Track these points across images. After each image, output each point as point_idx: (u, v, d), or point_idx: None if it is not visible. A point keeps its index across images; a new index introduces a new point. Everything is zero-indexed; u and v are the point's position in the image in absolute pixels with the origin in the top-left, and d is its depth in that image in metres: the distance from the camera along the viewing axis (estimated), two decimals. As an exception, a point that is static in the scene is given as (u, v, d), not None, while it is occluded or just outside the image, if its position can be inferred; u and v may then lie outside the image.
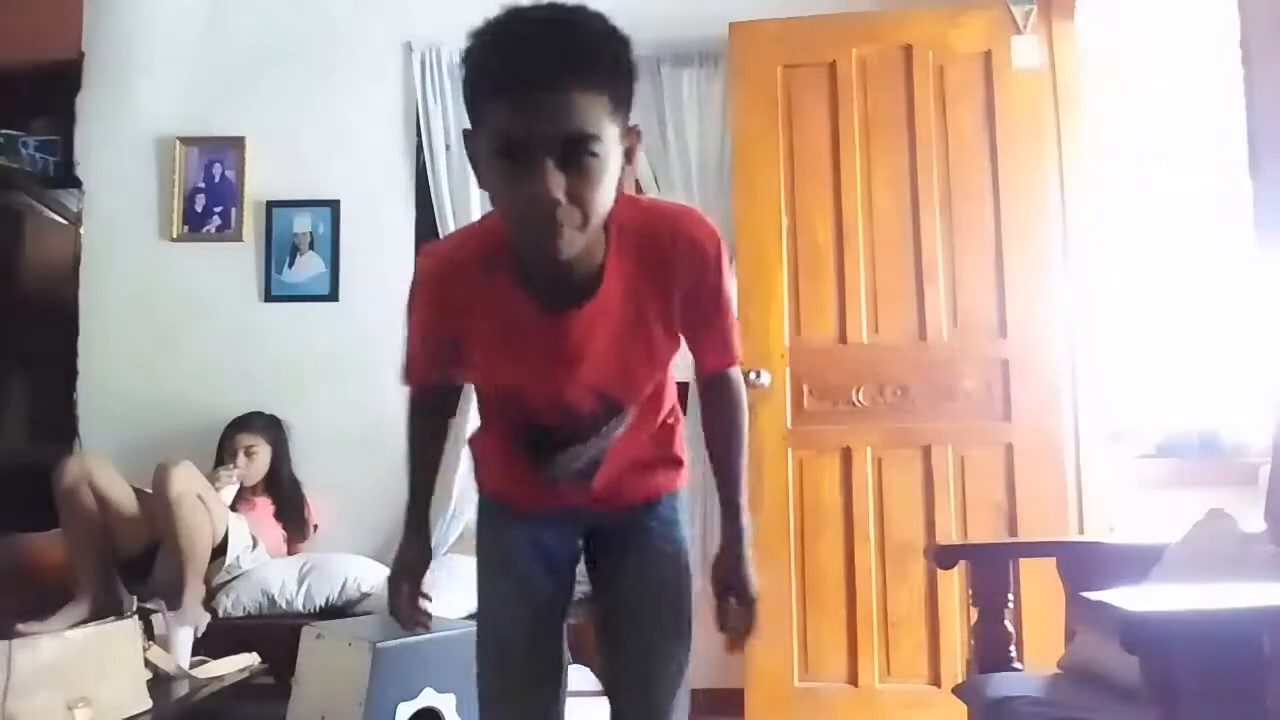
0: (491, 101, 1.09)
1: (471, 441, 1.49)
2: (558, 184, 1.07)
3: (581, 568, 1.47)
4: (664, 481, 1.44)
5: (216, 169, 3.49)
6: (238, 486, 3.05)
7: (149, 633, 2.50)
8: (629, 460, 1.39)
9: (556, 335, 1.24)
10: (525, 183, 1.07)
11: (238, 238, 3.47)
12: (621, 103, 1.12)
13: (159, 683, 2.37)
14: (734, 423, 1.41)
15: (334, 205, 3.46)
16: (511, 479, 1.43)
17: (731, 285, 1.39)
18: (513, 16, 1.09)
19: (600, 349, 1.26)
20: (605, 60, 1.10)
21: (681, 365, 1.40)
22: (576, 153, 1.07)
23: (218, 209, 3.49)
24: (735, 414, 1.41)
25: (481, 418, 1.47)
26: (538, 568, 1.39)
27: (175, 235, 3.48)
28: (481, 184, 1.17)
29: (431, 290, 1.31)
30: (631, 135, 1.17)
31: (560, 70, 1.06)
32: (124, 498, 2.82)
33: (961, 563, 2.17)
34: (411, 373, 1.45)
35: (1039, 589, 2.44)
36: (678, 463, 1.45)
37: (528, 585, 1.39)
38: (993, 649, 1.98)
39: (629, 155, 1.17)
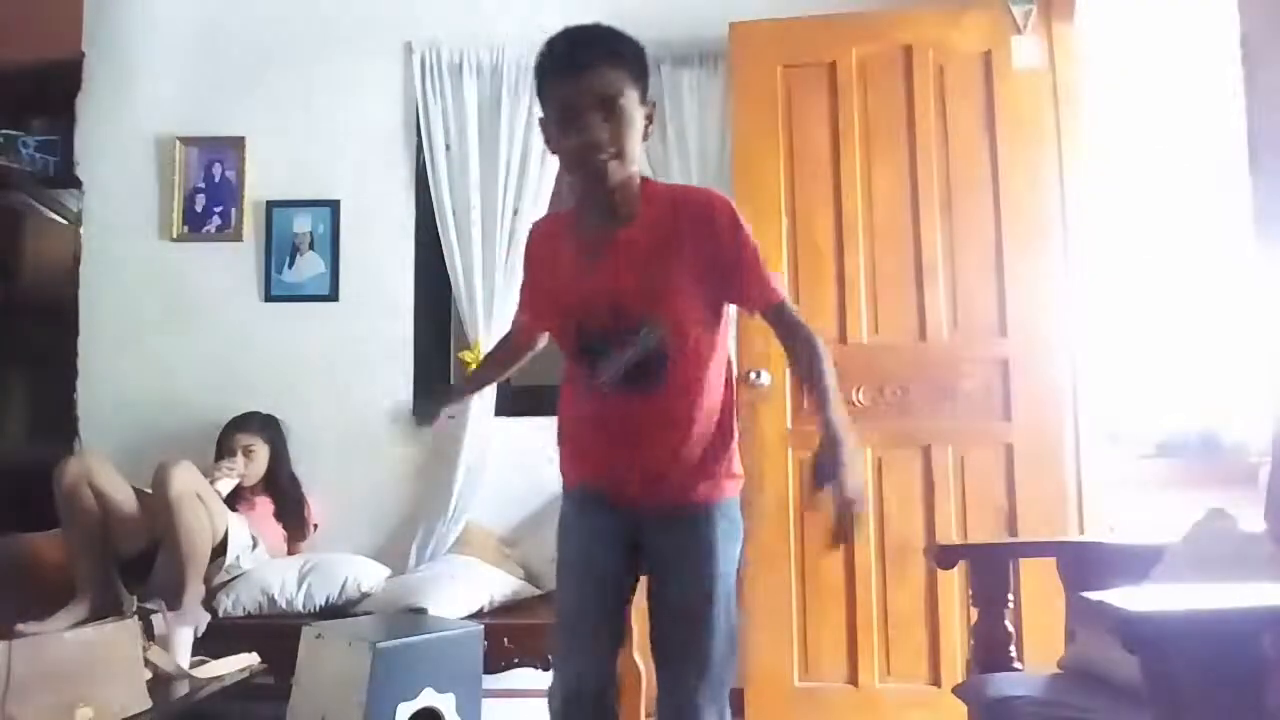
0: (553, 84, 1.56)
1: (558, 434, 1.77)
2: (600, 127, 1.52)
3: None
4: (708, 490, 1.64)
5: (216, 169, 3.49)
6: (236, 482, 3.05)
7: (149, 633, 2.50)
8: (675, 442, 1.61)
9: (596, 259, 1.62)
10: (578, 130, 1.53)
11: (238, 238, 3.47)
12: (639, 77, 1.57)
13: (159, 683, 2.37)
14: (801, 344, 1.62)
15: (334, 205, 3.46)
16: (580, 457, 1.71)
17: (753, 241, 1.60)
18: (562, 32, 1.58)
19: (627, 266, 1.59)
20: (622, 46, 1.57)
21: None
22: (609, 106, 1.53)
23: (218, 209, 3.49)
24: (798, 336, 1.62)
25: (562, 383, 1.74)
26: (596, 545, 1.66)
27: (175, 235, 3.48)
28: (552, 149, 1.61)
29: (526, 253, 1.79)
30: (649, 105, 1.60)
31: (594, 53, 1.54)
32: (124, 498, 2.81)
33: (961, 563, 2.17)
34: (519, 312, 1.91)
35: (1039, 589, 2.44)
36: (725, 474, 1.65)
37: (584, 558, 1.67)
38: (993, 649, 1.98)
39: (649, 119, 1.60)
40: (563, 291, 1.67)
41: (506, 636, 2.70)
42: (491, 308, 3.30)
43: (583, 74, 1.52)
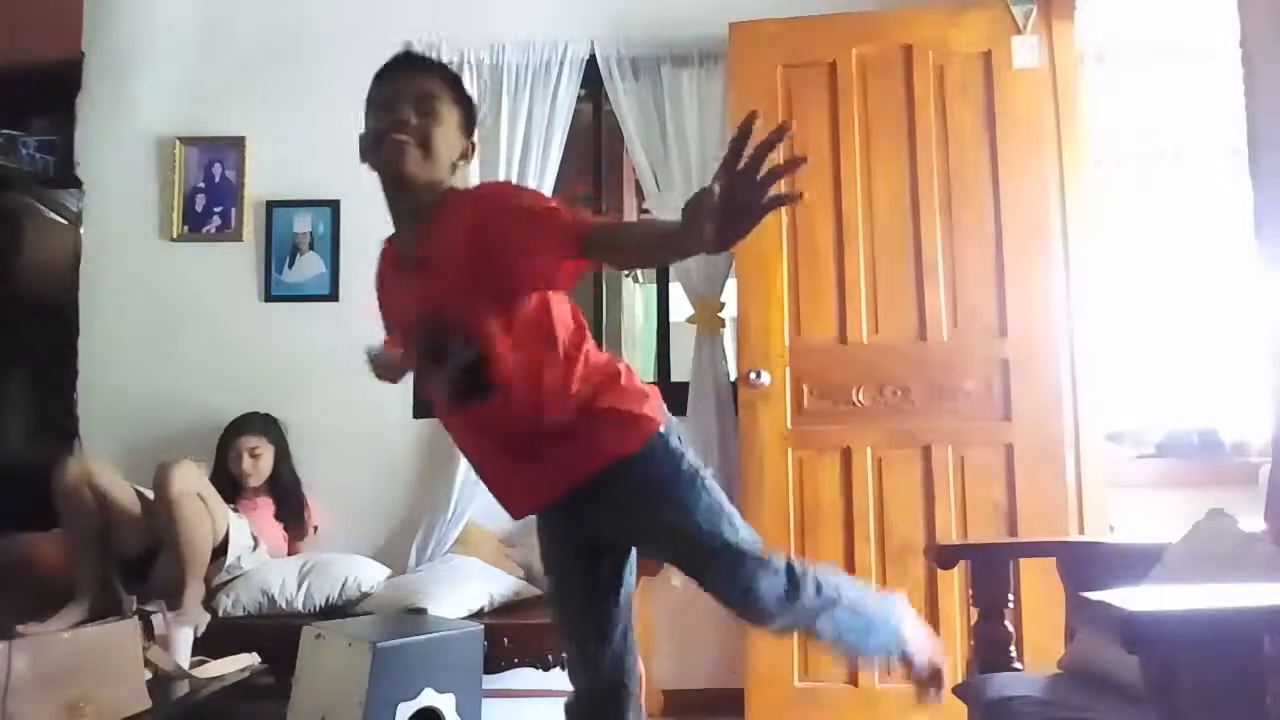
0: (381, 82, 1.66)
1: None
2: (410, 114, 1.59)
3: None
4: (617, 441, 1.60)
5: (216, 169, 3.49)
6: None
7: (149, 633, 2.50)
8: (534, 431, 1.59)
9: (409, 276, 1.66)
10: (390, 119, 1.60)
11: (238, 238, 3.47)
12: (462, 103, 1.66)
13: (159, 683, 2.37)
14: (635, 236, 1.58)
15: (334, 205, 3.46)
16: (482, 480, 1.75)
17: (526, 202, 1.57)
18: (400, 52, 1.71)
19: (429, 282, 1.60)
20: (447, 72, 1.69)
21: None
22: (425, 102, 1.61)
23: (218, 209, 3.49)
24: (626, 233, 1.63)
25: None
26: (551, 548, 1.75)
27: (175, 235, 3.48)
28: (365, 155, 1.68)
29: (375, 275, 1.82)
30: (468, 139, 1.69)
31: (425, 64, 1.69)
32: (124, 498, 2.81)
33: (961, 563, 2.17)
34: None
35: (1039, 589, 2.44)
36: (628, 418, 1.61)
37: (551, 563, 1.76)
38: (993, 649, 1.98)
39: (466, 152, 1.68)
40: (397, 313, 1.75)
41: (506, 636, 2.70)
42: (491, 308, 3.30)
43: (410, 73, 1.65)
